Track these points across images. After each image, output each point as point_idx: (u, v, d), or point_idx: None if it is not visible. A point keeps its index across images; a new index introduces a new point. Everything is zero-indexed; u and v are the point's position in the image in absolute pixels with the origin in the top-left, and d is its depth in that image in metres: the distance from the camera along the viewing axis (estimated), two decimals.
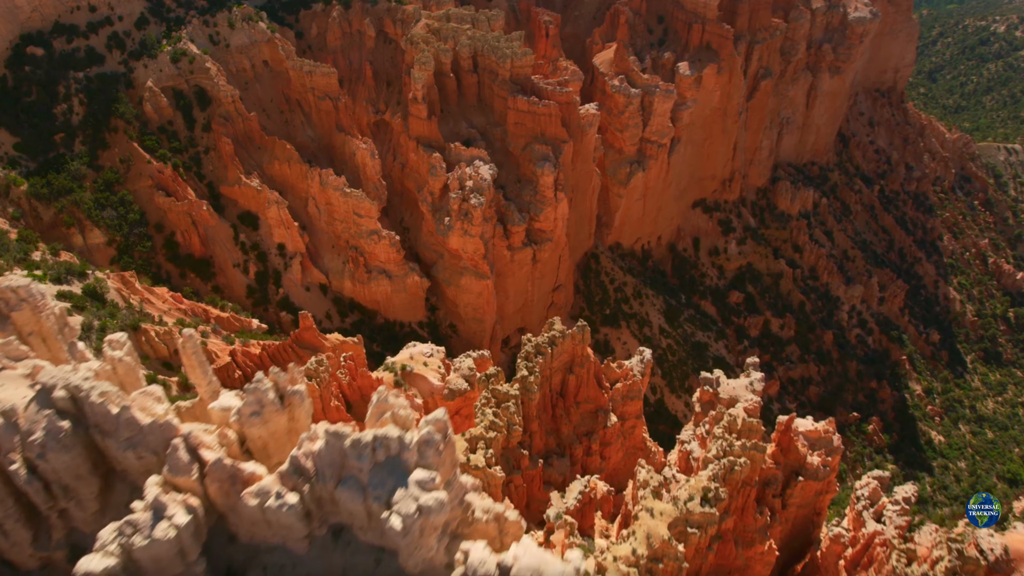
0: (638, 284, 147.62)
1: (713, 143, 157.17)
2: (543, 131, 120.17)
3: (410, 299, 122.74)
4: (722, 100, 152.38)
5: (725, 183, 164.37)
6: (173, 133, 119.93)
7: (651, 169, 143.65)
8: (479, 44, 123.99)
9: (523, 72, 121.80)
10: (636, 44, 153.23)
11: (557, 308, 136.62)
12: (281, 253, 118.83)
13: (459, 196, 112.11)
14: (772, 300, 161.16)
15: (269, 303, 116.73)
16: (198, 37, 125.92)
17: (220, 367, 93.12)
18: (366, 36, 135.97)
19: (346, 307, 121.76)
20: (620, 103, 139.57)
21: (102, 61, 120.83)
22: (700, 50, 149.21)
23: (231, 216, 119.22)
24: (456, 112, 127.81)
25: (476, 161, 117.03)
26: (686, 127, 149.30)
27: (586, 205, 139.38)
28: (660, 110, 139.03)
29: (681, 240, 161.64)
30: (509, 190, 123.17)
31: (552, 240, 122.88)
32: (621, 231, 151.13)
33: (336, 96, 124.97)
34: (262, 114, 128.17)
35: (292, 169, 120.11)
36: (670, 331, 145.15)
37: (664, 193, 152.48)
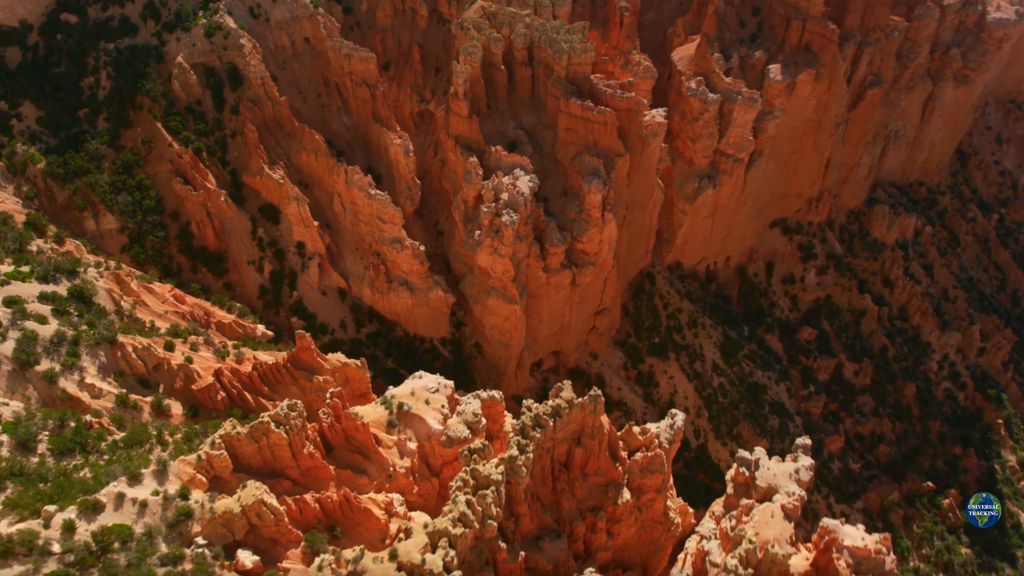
0: (695, 312, 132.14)
1: (802, 158, 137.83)
2: (596, 141, 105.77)
3: (433, 314, 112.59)
4: (817, 110, 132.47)
5: (811, 203, 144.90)
6: (201, 114, 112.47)
7: (723, 186, 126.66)
8: (536, 34, 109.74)
9: (581, 71, 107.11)
10: (724, 39, 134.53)
11: (599, 333, 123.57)
12: (300, 252, 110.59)
13: (491, 210, 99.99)
14: (849, 341, 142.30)
15: (281, 306, 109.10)
16: (237, 9, 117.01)
17: (201, 388, 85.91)
18: (418, 15, 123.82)
19: (364, 316, 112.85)
20: (695, 108, 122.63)
21: (135, 32, 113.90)
22: (797, 51, 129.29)
23: (252, 208, 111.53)
24: (505, 109, 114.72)
25: (516, 170, 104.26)
26: (771, 139, 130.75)
27: (644, 221, 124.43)
28: (740, 120, 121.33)
29: (753, 263, 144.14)
30: (553, 203, 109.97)
31: (595, 264, 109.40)
32: (683, 250, 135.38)
33: (374, 83, 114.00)
34: (298, 97, 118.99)
35: (319, 162, 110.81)
36: (725, 368, 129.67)
37: (737, 211, 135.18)
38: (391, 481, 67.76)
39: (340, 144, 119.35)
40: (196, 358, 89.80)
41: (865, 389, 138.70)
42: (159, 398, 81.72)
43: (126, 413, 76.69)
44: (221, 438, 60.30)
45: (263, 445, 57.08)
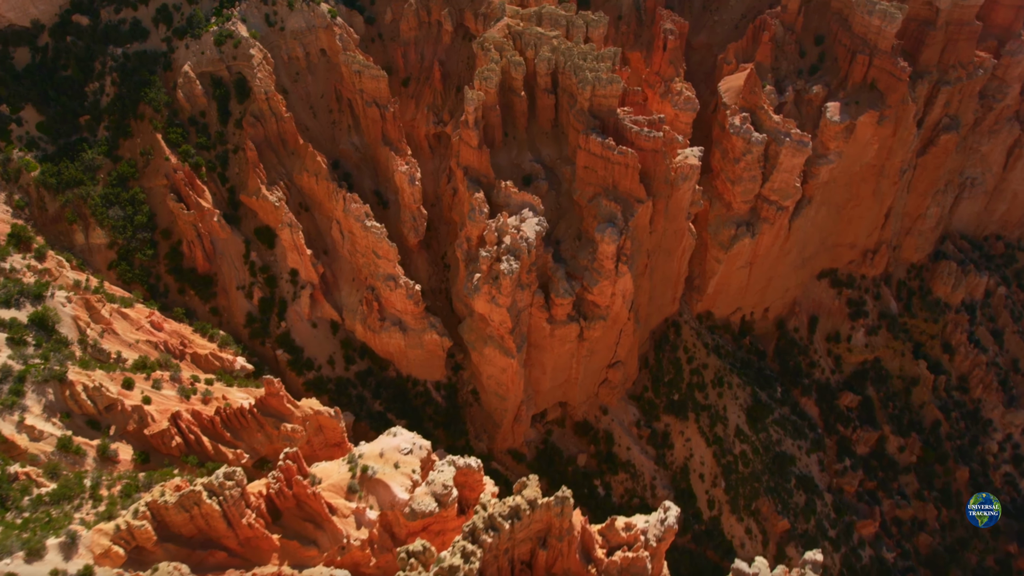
0: (722, 369, 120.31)
1: (858, 205, 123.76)
2: (615, 183, 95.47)
3: (427, 356, 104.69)
4: (880, 155, 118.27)
5: (867, 255, 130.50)
6: (204, 126, 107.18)
7: (764, 235, 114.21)
8: (562, 59, 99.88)
9: (606, 103, 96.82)
10: (780, 69, 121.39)
11: (611, 387, 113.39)
12: (293, 280, 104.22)
13: (491, 255, 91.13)
14: (897, 411, 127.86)
15: (268, 336, 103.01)
16: (253, 16, 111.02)
17: (154, 434, 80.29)
18: (443, 30, 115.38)
19: (355, 352, 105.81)
20: (737, 148, 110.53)
21: (145, 36, 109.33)
22: (861, 89, 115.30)
23: (248, 229, 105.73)
24: (523, 139, 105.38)
25: (525, 210, 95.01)
26: (822, 185, 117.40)
27: (672, 268, 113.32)
28: (787, 165, 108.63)
29: (794, 316, 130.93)
30: (565, 246, 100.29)
31: (606, 319, 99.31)
32: (715, 300, 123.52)
33: (384, 103, 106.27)
34: (308, 112, 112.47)
35: (319, 185, 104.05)
36: (749, 434, 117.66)
37: (779, 261, 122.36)
38: (344, 554, 61.48)
39: (348, 165, 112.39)
40: (156, 397, 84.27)
41: (910, 468, 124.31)
42: (105, 443, 76.17)
43: (66, 459, 71.14)
44: (147, 506, 54.86)
45: (195, 514, 51.52)
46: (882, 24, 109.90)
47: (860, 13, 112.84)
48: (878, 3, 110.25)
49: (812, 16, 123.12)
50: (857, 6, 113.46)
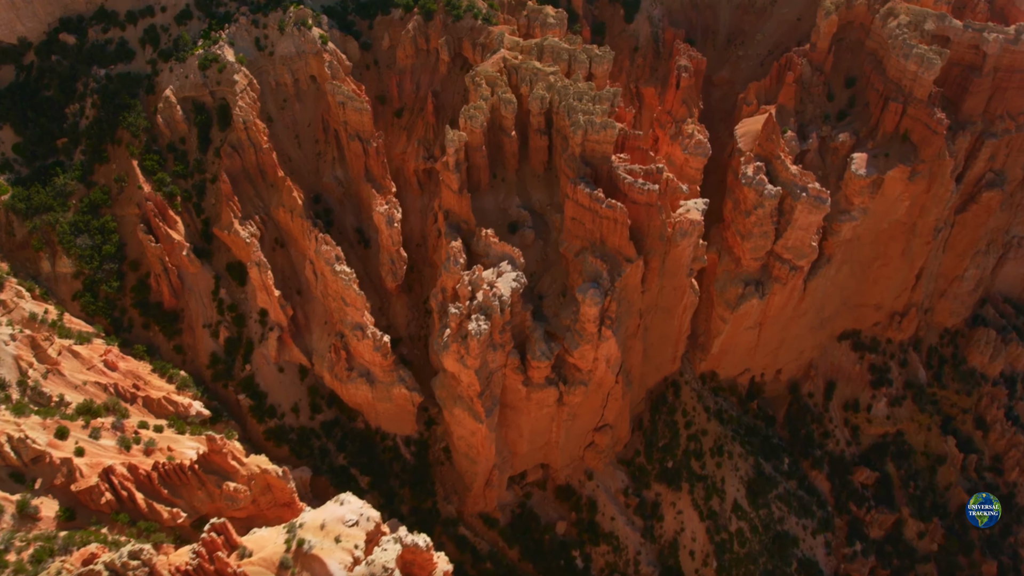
0: (723, 436, 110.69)
1: (886, 265, 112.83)
2: (603, 238, 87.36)
3: (397, 410, 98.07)
4: (911, 212, 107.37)
5: (894, 317, 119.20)
6: (183, 153, 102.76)
7: (774, 295, 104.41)
8: (557, 98, 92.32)
9: (600, 150, 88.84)
10: (805, 112, 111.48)
11: (598, 451, 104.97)
12: (262, 320, 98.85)
13: (460, 312, 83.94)
14: (919, 492, 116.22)
15: (232, 379, 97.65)
16: (241, 40, 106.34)
17: (82, 489, 75.22)
18: (440, 59, 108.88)
19: (323, 400, 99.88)
20: (749, 200, 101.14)
21: (131, 58, 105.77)
22: (892, 139, 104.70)
23: (219, 263, 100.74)
24: (513, 182, 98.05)
25: (503, 263, 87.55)
26: (844, 243, 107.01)
27: (672, 326, 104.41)
28: (803, 222, 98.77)
29: (809, 381, 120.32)
30: (548, 303, 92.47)
31: (587, 384, 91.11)
32: (720, 360, 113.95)
33: (367, 138, 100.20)
34: (293, 141, 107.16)
35: (294, 222, 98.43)
36: (748, 511, 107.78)
37: (793, 322, 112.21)
38: None
39: (330, 200, 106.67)
40: (91, 448, 79.35)
41: (929, 556, 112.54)
42: (26, 499, 71.57)
43: None
44: None
45: None
46: (919, 70, 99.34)
47: (895, 56, 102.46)
48: (915, 46, 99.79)
49: (844, 56, 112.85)
50: (893, 48, 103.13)
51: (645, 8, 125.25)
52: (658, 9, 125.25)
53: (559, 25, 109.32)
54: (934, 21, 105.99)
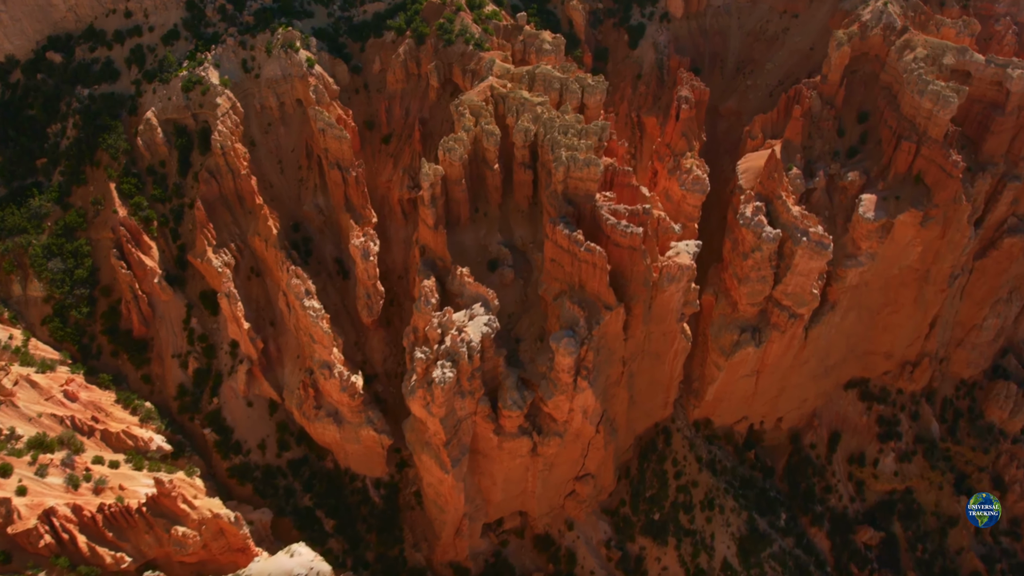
0: (714, 489, 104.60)
1: (896, 312, 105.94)
2: (582, 283, 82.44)
3: (366, 451, 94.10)
4: (924, 259, 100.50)
5: (905, 367, 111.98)
6: (162, 177, 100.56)
7: (772, 343, 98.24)
8: (543, 130, 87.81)
9: (583, 188, 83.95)
10: (813, 148, 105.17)
11: (579, 500, 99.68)
12: (233, 352, 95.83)
13: (425, 358, 79.64)
14: (927, 555, 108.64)
15: (199, 412, 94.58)
16: (227, 62, 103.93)
17: (19, 532, 72.29)
18: (429, 85, 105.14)
19: (292, 437, 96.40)
20: (747, 242, 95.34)
21: (116, 78, 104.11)
22: (904, 180, 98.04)
23: (193, 291, 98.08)
24: (495, 217, 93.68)
25: (476, 306, 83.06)
26: (850, 289, 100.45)
27: (662, 371, 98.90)
28: (803, 268, 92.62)
29: (812, 430, 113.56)
30: (525, 347, 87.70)
31: (563, 436, 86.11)
32: (715, 407, 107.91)
33: (347, 166, 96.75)
34: (275, 167, 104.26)
35: (268, 252, 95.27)
36: (738, 570, 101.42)
37: (794, 371, 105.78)
38: None
39: (310, 228, 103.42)
40: (35, 487, 76.63)
41: None
42: None
43: None
44: None
45: None
46: (934, 108, 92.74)
47: (910, 92, 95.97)
48: (931, 82, 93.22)
49: (857, 89, 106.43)
50: (907, 84, 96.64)
51: (650, 34, 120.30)
52: (664, 35, 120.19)
53: (555, 52, 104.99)
54: (954, 55, 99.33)
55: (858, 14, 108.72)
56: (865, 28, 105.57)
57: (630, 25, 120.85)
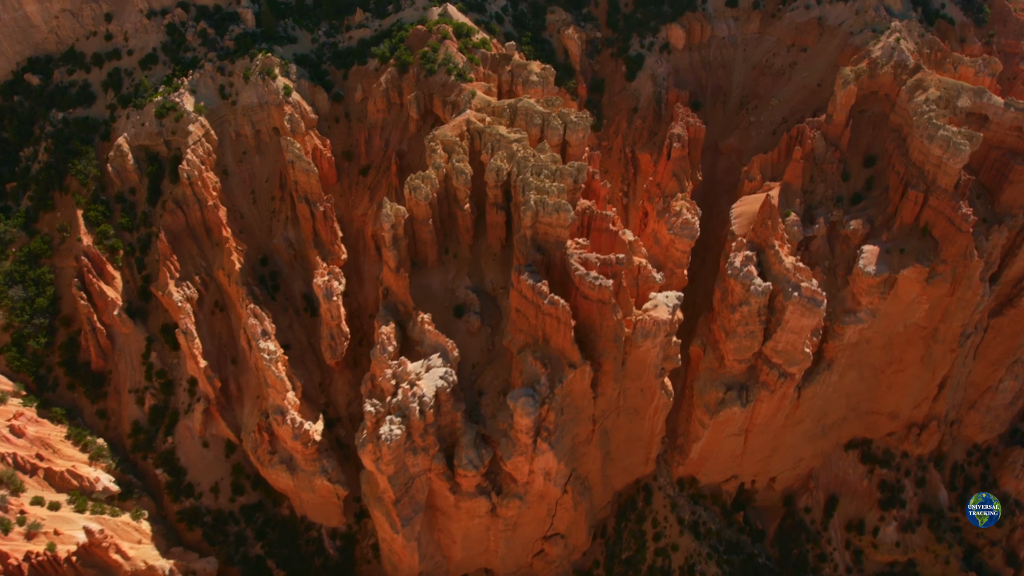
0: (696, 554, 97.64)
1: (902, 372, 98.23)
2: (546, 337, 76.97)
3: (321, 501, 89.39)
4: (931, 317, 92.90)
5: (912, 429, 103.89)
6: (131, 205, 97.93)
7: (761, 402, 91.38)
8: (516, 170, 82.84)
9: (552, 234, 78.62)
10: (815, 192, 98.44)
11: (548, 560, 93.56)
12: (191, 390, 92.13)
13: (375, 410, 74.87)
14: None
15: (152, 451, 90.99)
16: (205, 87, 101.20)
17: None
18: (409, 116, 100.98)
19: (248, 481, 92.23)
20: (735, 294, 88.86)
21: (91, 102, 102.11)
22: (910, 232, 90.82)
23: (155, 324, 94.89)
24: (466, 259, 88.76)
25: (434, 356, 78.17)
26: (849, 347, 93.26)
27: (642, 427, 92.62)
28: (794, 325, 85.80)
29: (807, 493, 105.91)
30: (488, 400, 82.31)
31: (523, 498, 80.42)
32: (701, 465, 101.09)
33: (316, 200, 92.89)
34: (247, 197, 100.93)
35: (231, 287, 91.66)
36: None
37: (787, 430, 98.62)
38: None
39: (280, 262, 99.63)
40: None
41: None
42: None
43: None
44: None
45: None
46: (944, 155, 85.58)
47: (919, 137, 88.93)
48: (941, 127, 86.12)
49: (864, 130, 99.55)
50: (917, 127, 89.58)
51: (649, 65, 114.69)
52: (664, 67, 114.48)
53: (541, 84, 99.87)
54: (970, 97, 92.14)
55: (868, 50, 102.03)
56: (875, 65, 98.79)
57: (628, 56, 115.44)
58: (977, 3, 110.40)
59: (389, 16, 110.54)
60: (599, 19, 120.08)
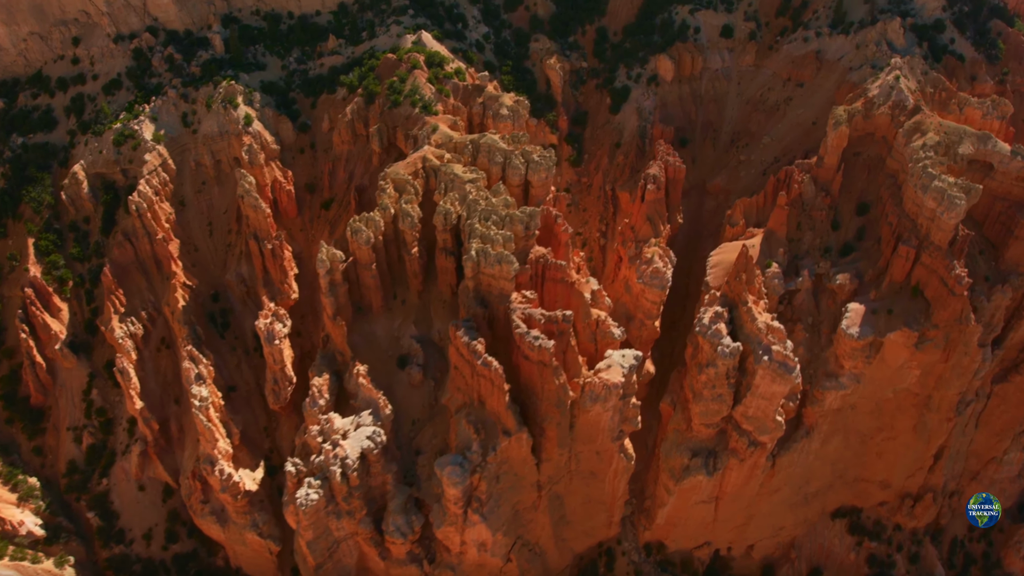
0: None
1: (893, 439, 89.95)
2: (482, 399, 71.32)
3: (255, 555, 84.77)
4: (923, 383, 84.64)
5: (905, 500, 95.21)
6: (84, 234, 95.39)
7: (730, 471, 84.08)
8: (466, 214, 77.63)
9: (496, 286, 73.23)
10: (802, 241, 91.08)
11: None
12: (131, 430, 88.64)
13: (296, 470, 70.11)
14: None
15: (86, 493, 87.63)
16: (168, 115, 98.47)
17: None
18: (372, 150, 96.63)
19: (184, 528, 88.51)
20: (704, 353, 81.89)
21: (53, 127, 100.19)
22: (900, 291, 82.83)
23: (100, 360, 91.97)
24: (414, 305, 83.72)
25: (364, 414, 73.24)
26: (831, 414, 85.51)
27: (602, 490, 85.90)
28: (764, 391, 78.34)
29: (789, 564, 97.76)
30: (424, 460, 77.00)
31: (456, 570, 74.57)
32: (669, 531, 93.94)
33: (264, 238, 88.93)
34: (204, 229, 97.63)
35: (173, 324, 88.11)
36: None
37: (763, 499, 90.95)
38: None
39: (232, 298, 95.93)
40: None
41: None
42: None
43: None
44: None
45: None
46: (938, 209, 77.74)
47: (912, 186, 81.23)
48: (937, 177, 78.40)
49: (858, 175, 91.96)
50: (911, 175, 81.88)
51: (635, 98, 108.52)
52: (651, 100, 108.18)
53: (511, 118, 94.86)
54: (973, 143, 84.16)
55: (865, 88, 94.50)
56: (871, 105, 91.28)
57: (614, 87, 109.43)
58: (990, 38, 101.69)
59: (363, 43, 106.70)
60: (586, 48, 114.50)
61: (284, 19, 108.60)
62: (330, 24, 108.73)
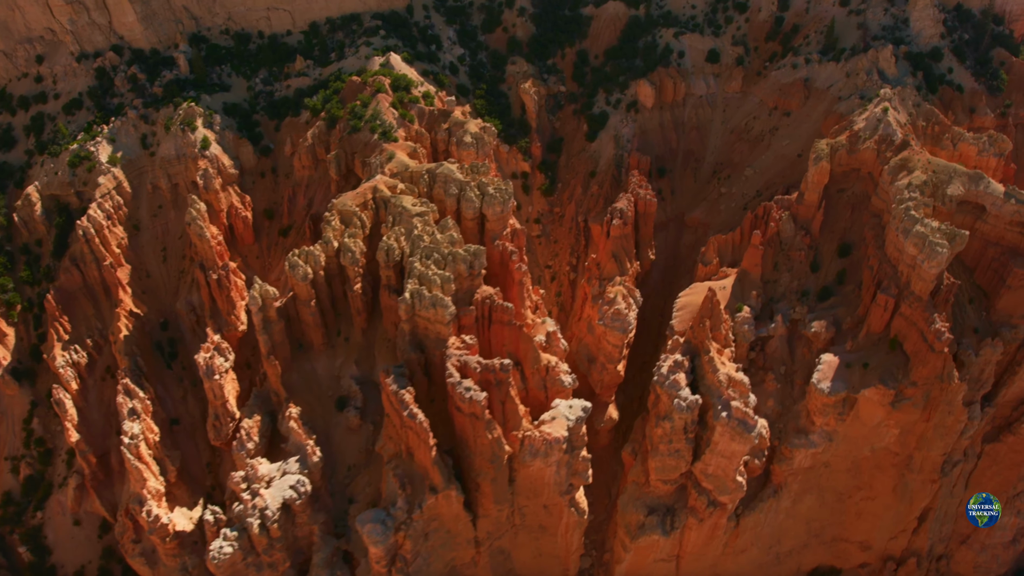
0: None
1: (871, 500, 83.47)
2: (411, 452, 66.82)
3: None
4: (902, 443, 78.16)
5: (886, 563, 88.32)
6: (36, 257, 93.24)
7: (689, 530, 78.33)
8: (408, 250, 73.49)
9: (432, 330, 68.94)
10: (778, 283, 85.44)
11: None
12: (69, 462, 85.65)
13: (213, 519, 66.40)
14: None
15: (20, 526, 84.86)
16: (127, 136, 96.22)
17: None
18: (329, 177, 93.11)
19: (119, 566, 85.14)
20: (662, 405, 76.44)
21: (12, 146, 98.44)
22: (877, 343, 76.60)
23: (43, 387, 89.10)
24: (358, 344, 79.65)
25: (291, 460, 69.28)
26: (802, 472, 79.42)
27: (553, 544, 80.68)
28: (723, 449, 72.59)
29: None
30: (356, 511, 72.34)
31: None
32: None
33: (210, 267, 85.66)
34: (158, 255, 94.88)
35: (116, 354, 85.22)
36: None
37: (728, 559, 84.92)
38: None
39: (182, 327, 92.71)
40: None
41: None
42: None
43: None
44: None
45: None
46: (919, 256, 71.61)
47: (894, 229, 75.16)
48: (919, 221, 72.34)
49: (841, 213, 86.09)
50: (894, 217, 75.83)
51: (613, 125, 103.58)
52: (629, 127, 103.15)
53: (475, 147, 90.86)
54: (963, 183, 77.88)
55: (851, 120, 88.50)
56: (856, 139, 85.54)
57: (591, 114, 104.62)
58: (992, 68, 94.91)
59: (331, 64, 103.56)
60: (565, 72, 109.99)
61: (254, 38, 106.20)
62: (300, 44, 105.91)
